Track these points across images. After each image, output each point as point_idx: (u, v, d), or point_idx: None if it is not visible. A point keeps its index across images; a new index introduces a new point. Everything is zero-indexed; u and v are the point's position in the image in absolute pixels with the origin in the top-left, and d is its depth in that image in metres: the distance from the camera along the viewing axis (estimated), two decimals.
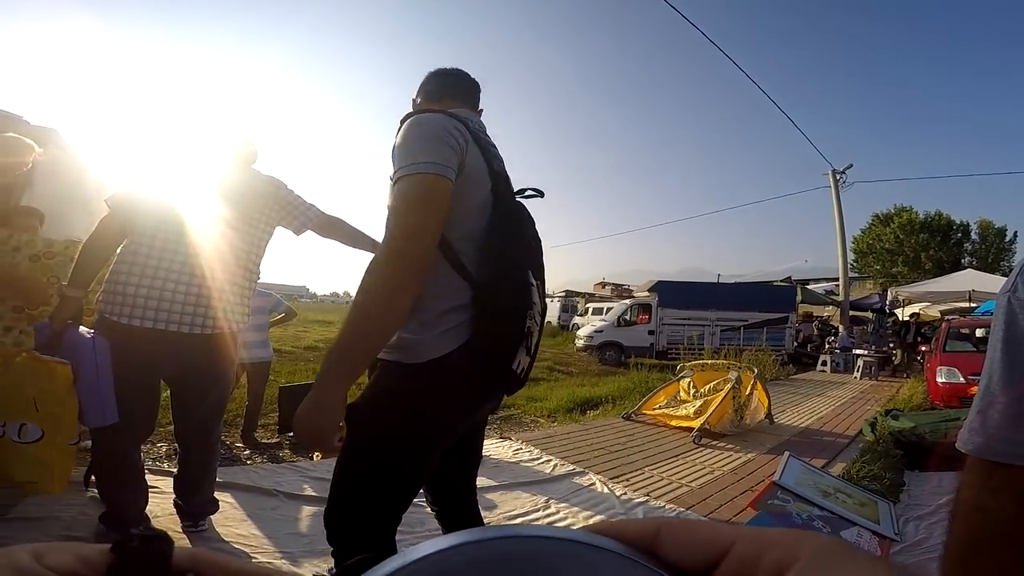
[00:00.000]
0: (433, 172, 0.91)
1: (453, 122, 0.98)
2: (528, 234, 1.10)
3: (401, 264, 0.89)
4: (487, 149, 1.05)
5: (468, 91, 1.22)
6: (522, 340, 1.00)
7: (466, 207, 0.98)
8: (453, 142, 0.95)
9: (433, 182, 0.91)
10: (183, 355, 1.63)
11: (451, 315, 0.97)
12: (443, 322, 0.97)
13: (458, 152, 0.96)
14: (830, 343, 12.27)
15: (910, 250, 27.19)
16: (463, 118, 1.03)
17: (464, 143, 0.98)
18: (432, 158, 0.92)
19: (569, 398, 6.64)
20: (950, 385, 5.66)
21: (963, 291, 11.04)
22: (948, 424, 3.50)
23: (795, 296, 14.72)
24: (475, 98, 1.23)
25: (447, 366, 0.96)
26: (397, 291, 0.89)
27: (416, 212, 0.90)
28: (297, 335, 12.80)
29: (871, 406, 6.08)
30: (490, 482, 2.65)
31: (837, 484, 2.49)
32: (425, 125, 0.96)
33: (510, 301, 0.98)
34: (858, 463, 3.11)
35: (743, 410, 4.22)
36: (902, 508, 2.57)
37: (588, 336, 13.30)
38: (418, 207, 0.90)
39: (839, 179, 14.02)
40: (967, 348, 6.96)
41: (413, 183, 0.91)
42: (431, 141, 0.94)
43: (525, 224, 1.09)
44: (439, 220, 0.92)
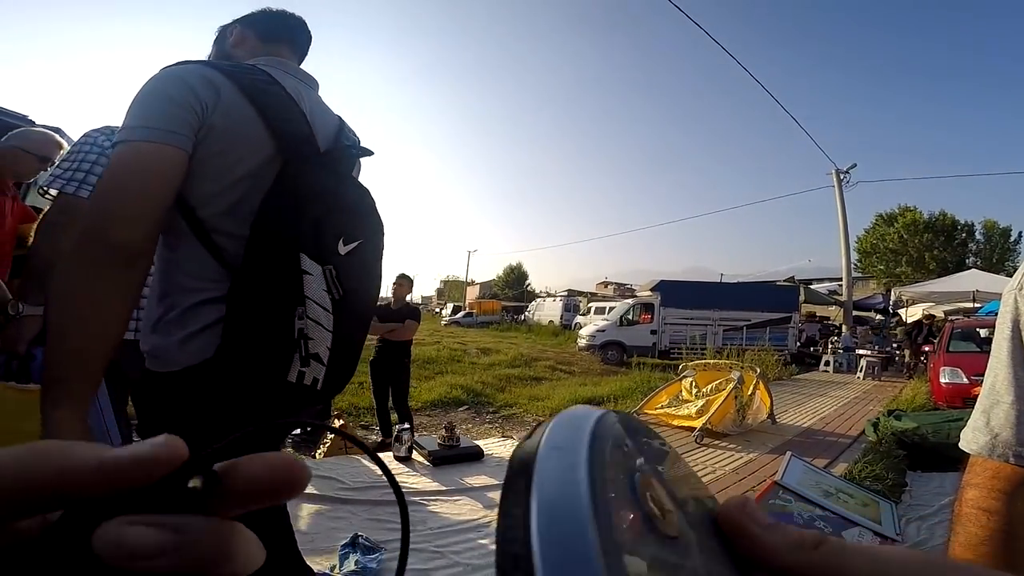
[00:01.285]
0: (154, 139, 0.75)
1: (200, 72, 0.80)
2: (328, 207, 0.85)
3: (96, 253, 0.72)
4: (268, 103, 0.85)
5: (299, 37, 1.05)
6: (293, 347, 0.80)
7: (226, 177, 0.81)
8: (191, 99, 0.77)
9: (152, 152, 0.75)
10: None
11: (205, 310, 0.81)
12: (195, 319, 0.81)
13: (198, 113, 0.78)
14: (833, 343, 12.24)
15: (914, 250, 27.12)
16: (234, 68, 0.86)
17: (210, 100, 0.79)
18: (153, 123, 0.75)
19: (571, 397, 6.66)
20: (953, 385, 5.65)
21: (967, 291, 11.01)
22: (951, 425, 3.49)
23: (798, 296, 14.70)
24: (298, 44, 1.05)
25: (202, 374, 0.79)
26: (94, 284, 0.72)
27: (122, 190, 0.74)
28: None
29: (874, 406, 6.07)
30: (492, 481, 2.66)
31: (839, 484, 2.49)
32: (160, 80, 0.79)
33: (268, 296, 0.79)
34: (860, 463, 3.11)
35: (745, 410, 4.22)
36: (904, 508, 2.57)
37: (590, 336, 13.31)
38: (126, 183, 0.74)
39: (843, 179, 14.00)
40: (971, 348, 6.94)
41: (124, 154, 0.75)
42: (159, 101, 0.77)
43: (322, 197, 0.85)
44: (158, 198, 0.75)
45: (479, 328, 24.61)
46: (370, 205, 0.97)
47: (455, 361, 10.45)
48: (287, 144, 0.85)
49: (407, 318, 4.04)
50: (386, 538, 1.92)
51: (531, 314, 27.97)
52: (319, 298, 0.82)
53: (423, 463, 2.89)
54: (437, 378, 7.83)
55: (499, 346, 13.90)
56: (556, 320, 24.28)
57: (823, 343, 13.51)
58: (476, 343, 14.53)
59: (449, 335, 17.78)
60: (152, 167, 0.75)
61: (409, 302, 4.23)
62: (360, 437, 4.01)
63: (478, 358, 11.26)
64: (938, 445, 3.37)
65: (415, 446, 3.04)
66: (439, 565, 1.80)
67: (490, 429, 5.33)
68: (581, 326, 17.53)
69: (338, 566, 1.72)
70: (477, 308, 31.38)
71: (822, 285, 21.98)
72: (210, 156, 0.80)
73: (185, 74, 0.79)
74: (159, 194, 0.76)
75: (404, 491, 0.21)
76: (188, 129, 0.78)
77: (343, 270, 0.86)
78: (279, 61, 0.97)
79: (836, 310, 16.94)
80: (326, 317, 0.83)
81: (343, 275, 0.86)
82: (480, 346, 13.66)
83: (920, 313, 13.02)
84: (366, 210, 0.96)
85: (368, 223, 0.95)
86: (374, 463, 0.24)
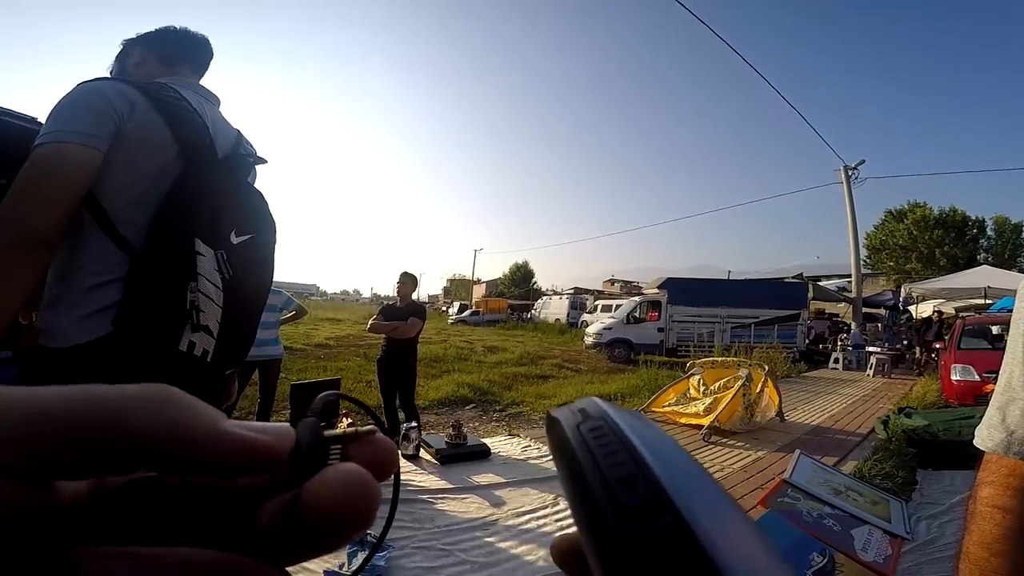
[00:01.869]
0: (73, 141, 0.85)
1: (117, 88, 0.92)
2: (224, 204, 0.99)
3: (11, 238, 0.81)
4: (175, 114, 0.98)
5: (199, 58, 1.16)
6: (186, 317, 0.90)
7: (134, 174, 0.92)
8: (109, 110, 0.89)
9: (70, 152, 0.85)
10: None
11: (104, 291, 0.89)
12: (92, 300, 0.89)
13: (115, 121, 0.89)
14: (842, 340, 12.14)
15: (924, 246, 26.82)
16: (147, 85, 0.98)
17: (126, 111, 0.91)
18: (73, 127, 0.86)
19: (578, 395, 6.63)
20: (965, 383, 5.59)
21: (978, 287, 10.86)
22: (963, 422, 3.46)
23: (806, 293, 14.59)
24: (198, 64, 1.16)
25: (95, 351, 0.87)
26: (9, 267, 0.80)
27: (40, 184, 0.84)
28: (308, 333, 12.94)
29: (883, 404, 6.02)
30: (499, 479, 2.67)
31: (848, 482, 2.47)
32: (81, 93, 0.90)
33: (165, 272, 0.90)
34: (870, 461, 3.09)
35: (753, 408, 4.20)
36: (914, 507, 2.55)
37: (597, 333, 13.28)
38: (44, 178, 0.84)
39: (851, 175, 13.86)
40: (982, 345, 6.86)
41: (45, 153, 0.85)
42: (79, 110, 0.88)
43: (218, 195, 0.99)
44: (72, 192, 0.85)
45: (485, 326, 24.62)
46: (263, 206, 1.10)
47: (462, 359, 10.48)
48: (189, 149, 0.97)
49: (411, 316, 4.04)
50: (395, 535, 1.93)
51: (537, 312, 27.97)
52: (211, 276, 0.93)
53: (431, 461, 2.90)
54: (444, 376, 7.85)
55: (505, 344, 13.91)
56: (562, 318, 24.27)
57: (832, 340, 13.41)
58: (483, 341, 14.55)
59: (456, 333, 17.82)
60: (69, 164, 0.85)
61: (414, 300, 4.23)
62: None
63: (485, 356, 11.28)
64: (949, 443, 3.34)
65: (423, 444, 3.05)
66: (446, 563, 1.81)
67: (497, 427, 5.33)
68: (587, 324, 17.51)
69: (347, 564, 1.73)
70: (483, 306, 31.41)
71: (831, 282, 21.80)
72: (121, 157, 0.91)
73: (104, 87, 0.92)
74: (73, 188, 0.85)
75: (413, 489, 0.21)
76: (105, 133, 0.89)
77: (234, 255, 0.98)
78: (184, 81, 1.10)
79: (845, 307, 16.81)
80: (216, 293, 0.94)
81: (234, 260, 0.98)
82: (487, 344, 13.68)
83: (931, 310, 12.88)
84: (258, 210, 1.09)
85: (260, 221, 1.08)
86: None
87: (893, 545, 1.98)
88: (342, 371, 7.30)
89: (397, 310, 4.10)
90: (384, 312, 4.15)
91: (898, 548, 1.99)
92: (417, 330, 4.11)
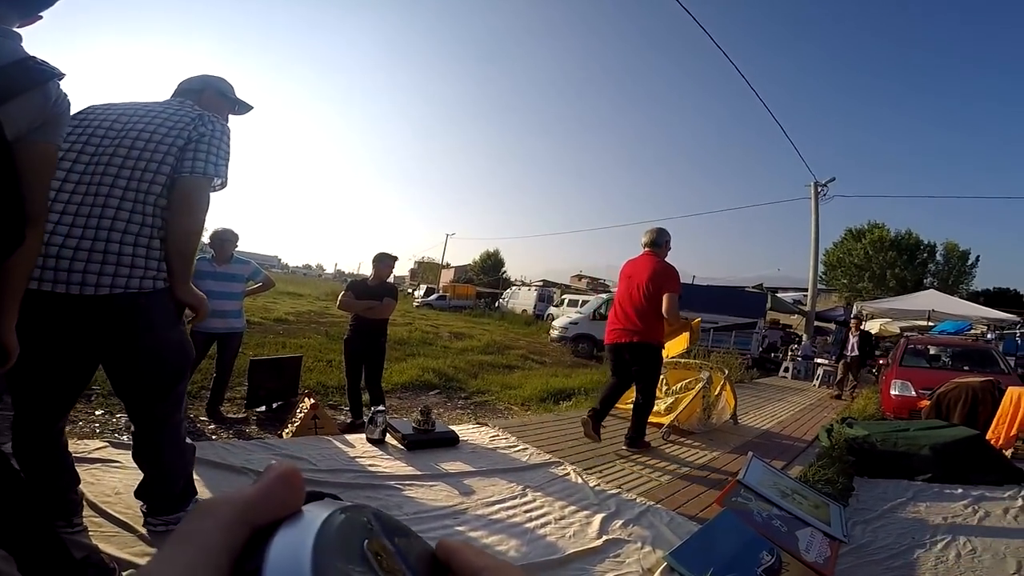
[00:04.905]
0: None
1: None
2: None
3: None
4: None
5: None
6: None
7: None
8: None
9: None
10: (74, 321, 1.36)
11: None
12: None
13: None
14: (792, 350, 12.68)
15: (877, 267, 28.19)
16: None
17: None
18: None
19: (543, 388, 6.75)
20: (902, 398, 5.95)
21: (924, 310, 11.53)
22: (899, 434, 3.70)
23: (765, 303, 15.13)
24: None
25: None
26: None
27: None
28: (266, 306, 12.57)
29: (827, 413, 6.35)
30: (467, 467, 2.69)
31: (794, 486, 2.63)
32: None
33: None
34: (815, 467, 3.28)
35: (711, 409, 4.36)
36: (851, 512, 2.72)
37: (563, 327, 13.46)
38: None
39: (820, 191, 14.30)
40: (921, 364, 7.32)
41: None
42: None
43: None
44: None
45: (452, 312, 24.54)
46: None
47: (427, 344, 10.43)
48: None
49: (385, 296, 3.98)
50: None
51: (505, 302, 28.02)
52: None
53: (397, 447, 2.88)
54: (408, 360, 7.81)
55: (472, 332, 13.93)
56: (530, 309, 24.39)
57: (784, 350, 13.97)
58: (449, 327, 14.52)
59: (421, 317, 17.70)
60: None
61: (387, 281, 4.16)
62: (329, 417, 3.98)
63: (451, 342, 11.27)
64: (885, 453, 3.58)
65: (389, 429, 3.00)
66: None
67: (462, 415, 5.36)
68: (554, 317, 17.68)
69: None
70: (451, 291, 31.22)
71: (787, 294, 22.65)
72: None
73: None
74: None
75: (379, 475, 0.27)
76: None
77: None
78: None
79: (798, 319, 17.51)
80: None
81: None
82: (453, 330, 13.66)
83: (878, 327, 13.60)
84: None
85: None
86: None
87: (832, 547, 2.12)
88: (302, 348, 7.15)
89: (369, 288, 4.00)
90: (354, 289, 4.03)
91: (836, 550, 2.14)
92: (391, 311, 4.06)
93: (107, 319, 1.38)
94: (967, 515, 2.73)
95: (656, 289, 3.49)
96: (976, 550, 2.31)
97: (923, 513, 2.75)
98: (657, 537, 2.18)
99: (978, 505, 2.85)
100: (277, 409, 4.24)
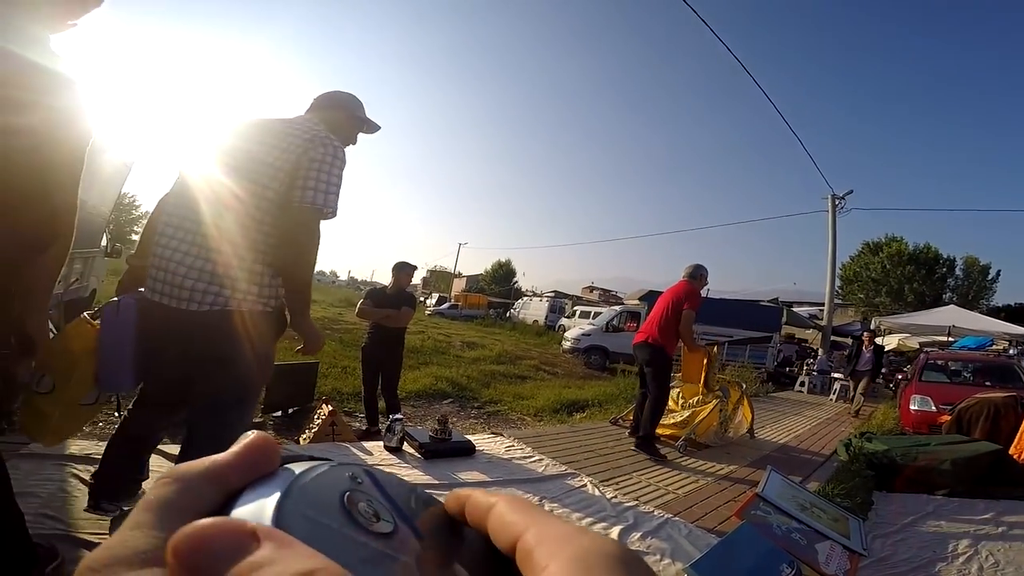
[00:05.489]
0: None
1: None
2: None
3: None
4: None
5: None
6: None
7: None
8: None
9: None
10: (182, 332, 1.46)
11: None
12: None
13: None
14: (808, 365, 12.53)
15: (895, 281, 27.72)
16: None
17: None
18: None
19: (556, 399, 6.74)
20: (922, 413, 5.86)
21: (944, 326, 11.33)
22: (919, 449, 3.65)
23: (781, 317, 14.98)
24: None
25: None
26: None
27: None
28: None
29: (845, 428, 6.27)
30: (484, 477, 2.71)
31: (813, 499, 2.61)
32: None
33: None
34: (833, 481, 3.25)
35: (728, 423, 4.34)
36: (870, 525, 2.70)
37: (576, 339, 13.43)
38: None
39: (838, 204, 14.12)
40: (941, 379, 7.20)
41: None
42: None
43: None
44: None
45: (463, 321, 24.59)
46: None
47: (440, 352, 10.48)
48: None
49: (404, 305, 4.02)
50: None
51: (516, 312, 28.05)
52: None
53: (414, 455, 2.90)
54: (422, 368, 7.85)
55: (484, 341, 13.95)
56: (541, 320, 24.39)
57: (799, 364, 13.80)
58: (461, 336, 14.56)
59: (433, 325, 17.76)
60: None
61: (405, 290, 4.22)
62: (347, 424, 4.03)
63: (463, 351, 11.30)
64: (905, 467, 3.54)
65: (406, 437, 3.03)
66: None
67: (475, 424, 5.38)
68: (566, 328, 17.66)
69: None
70: (463, 301, 31.33)
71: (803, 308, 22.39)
72: None
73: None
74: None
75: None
76: None
77: None
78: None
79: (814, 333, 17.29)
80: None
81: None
82: (465, 339, 13.69)
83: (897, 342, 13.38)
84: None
85: None
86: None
87: (851, 560, 2.11)
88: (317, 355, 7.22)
89: (387, 296, 4.04)
90: (373, 297, 4.07)
91: (856, 564, 2.13)
92: (408, 319, 4.10)
93: (198, 331, 1.45)
94: (989, 529, 2.70)
95: (678, 305, 4.02)
96: (999, 563, 2.28)
97: (944, 527, 2.72)
98: (676, 550, 2.18)
99: (1001, 519, 2.81)
100: (293, 414, 4.30)
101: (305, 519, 0.15)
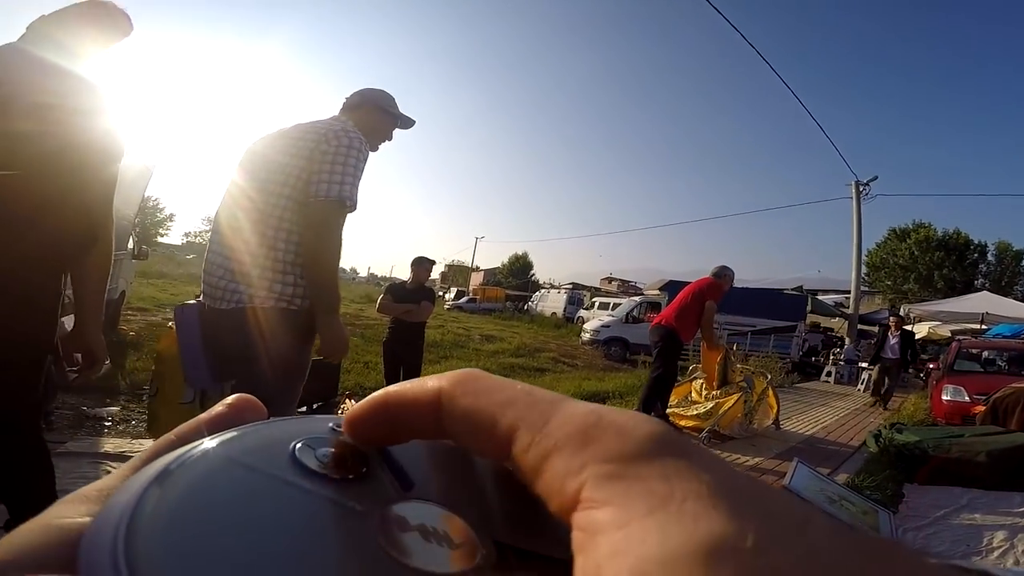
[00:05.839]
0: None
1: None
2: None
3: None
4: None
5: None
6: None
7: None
8: None
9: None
10: (218, 330, 1.53)
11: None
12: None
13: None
14: (835, 354, 12.26)
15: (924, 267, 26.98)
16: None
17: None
18: None
19: (575, 391, 6.74)
20: (954, 403, 5.70)
21: (976, 313, 10.99)
22: (951, 440, 3.56)
23: (805, 306, 14.67)
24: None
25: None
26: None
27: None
28: None
29: (874, 419, 6.14)
30: None
31: (842, 492, 2.57)
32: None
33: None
34: (863, 473, 3.19)
35: (752, 414, 4.29)
36: (901, 518, 2.64)
37: (595, 330, 13.40)
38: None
39: (862, 191, 13.77)
40: (975, 368, 6.99)
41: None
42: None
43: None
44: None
45: (481, 315, 24.70)
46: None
47: (459, 346, 10.55)
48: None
49: (423, 299, 4.06)
50: None
51: (534, 304, 28.05)
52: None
53: None
54: (442, 362, 7.93)
55: (502, 334, 14.00)
56: (559, 312, 24.36)
57: (825, 354, 13.53)
58: (479, 330, 14.63)
59: (452, 319, 17.89)
60: None
61: (425, 284, 4.26)
62: None
63: (482, 345, 11.36)
64: (937, 459, 3.44)
65: None
66: None
67: None
68: (584, 320, 17.61)
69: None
70: (481, 294, 31.45)
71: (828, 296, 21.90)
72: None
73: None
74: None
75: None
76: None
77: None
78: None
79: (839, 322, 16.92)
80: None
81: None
82: (483, 333, 13.76)
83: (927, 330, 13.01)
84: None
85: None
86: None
87: None
88: None
89: (407, 291, 4.09)
90: (392, 292, 4.12)
91: None
92: (428, 314, 4.14)
93: (230, 328, 1.49)
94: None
95: (700, 297, 4.10)
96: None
97: (979, 520, 2.65)
98: None
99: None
100: (317, 409, 4.39)
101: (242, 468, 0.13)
